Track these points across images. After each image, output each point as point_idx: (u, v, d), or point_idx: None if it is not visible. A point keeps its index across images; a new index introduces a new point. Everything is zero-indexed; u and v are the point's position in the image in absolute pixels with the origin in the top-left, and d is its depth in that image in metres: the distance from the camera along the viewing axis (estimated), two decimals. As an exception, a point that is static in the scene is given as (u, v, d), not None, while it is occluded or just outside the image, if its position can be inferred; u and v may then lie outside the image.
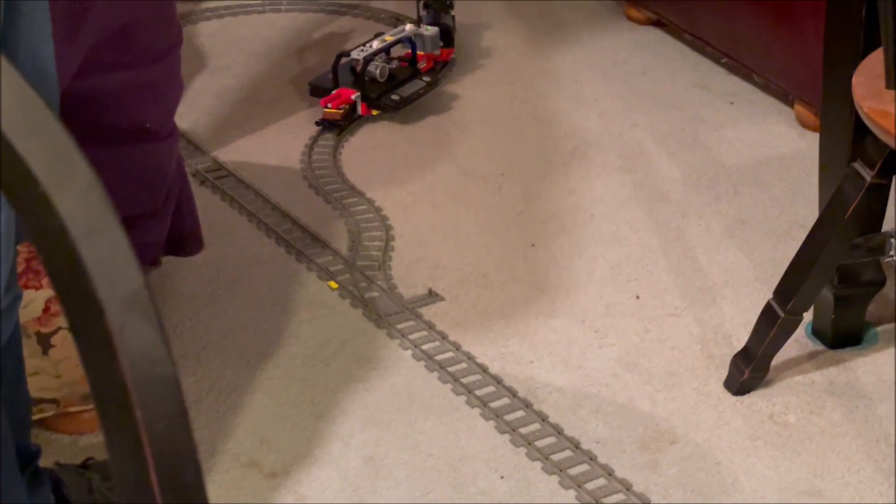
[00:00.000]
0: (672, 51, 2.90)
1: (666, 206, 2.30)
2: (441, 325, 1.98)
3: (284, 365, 1.90)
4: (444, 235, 2.23)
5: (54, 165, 0.59)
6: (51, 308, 1.66)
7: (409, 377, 1.87)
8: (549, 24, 3.12)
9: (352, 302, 2.03)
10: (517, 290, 2.08)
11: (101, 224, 0.60)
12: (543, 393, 1.83)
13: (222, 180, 2.40)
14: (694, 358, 1.90)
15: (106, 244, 0.60)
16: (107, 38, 1.51)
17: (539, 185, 2.39)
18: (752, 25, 2.60)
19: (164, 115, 1.65)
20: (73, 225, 0.59)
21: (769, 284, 1.99)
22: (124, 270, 0.60)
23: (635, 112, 2.65)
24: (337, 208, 2.31)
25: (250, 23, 3.17)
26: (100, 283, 0.59)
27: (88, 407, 1.73)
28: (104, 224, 0.60)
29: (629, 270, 2.11)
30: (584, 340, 1.95)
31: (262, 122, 2.64)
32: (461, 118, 2.65)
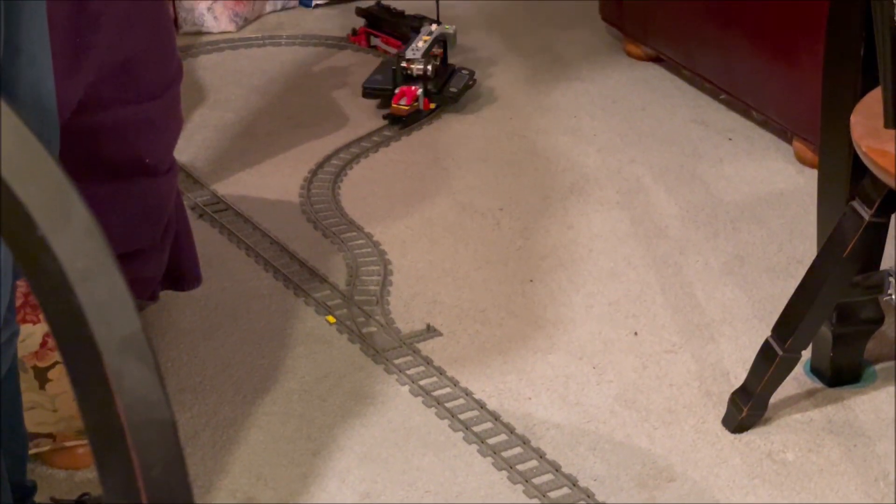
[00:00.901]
0: (671, 87, 2.91)
1: (664, 242, 2.30)
2: (439, 361, 1.97)
3: (281, 400, 1.89)
4: (442, 270, 2.23)
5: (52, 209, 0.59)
6: (48, 342, 1.65)
7: (407, 413, 1.86)
8: (549, 59, 3.13)
9: (349, 337, 2.03)
10: (515, 325, 2.07)
11: (98, 267, 0.60)
12: (541, 429, 1.83)
13: (221, 214, 2.40)
14: (692, 395, 1.89)
15: (103, 287, 0.60)
16: (107, 73, 1.51)
17: (537, 220, 2.39)
18: (751, 62, 2.61)
19: (164, 150, 1.66)
20: (71, 268, 0.59)
21: (767, 321, 1.99)
22: (121, 314, 0.60)
23: (634, 148, 2.66)
24: (335, 243, 2.31)
25: (250, 56, 3.18)
26: (97, 326, 0.59)
27: (84, 442, 1.73)
28: (101, 267, 0.60)
29: (627, 307, 2.11)
30: (582, 377, 1.94)
31: (261, 155, 2.65)
32: (460, 153, 2.66)
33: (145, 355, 0.61)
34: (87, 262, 0.60)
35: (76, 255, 0.60)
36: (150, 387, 0.61)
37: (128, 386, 0.60)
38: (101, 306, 0.60)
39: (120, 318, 0.60)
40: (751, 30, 2.59)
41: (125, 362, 0.60)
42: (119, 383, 0.60)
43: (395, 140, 2.71)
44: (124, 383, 0.60)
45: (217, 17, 3.29)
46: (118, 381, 0.59)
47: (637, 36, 3.01)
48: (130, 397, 0.60)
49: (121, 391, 0.60)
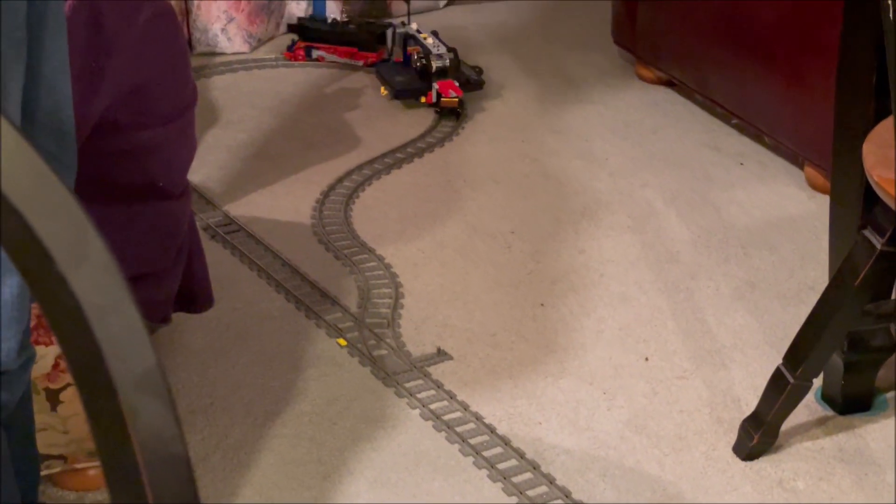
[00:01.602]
0: (683, 111, 2.92)
1: (675, 266, 2.30)
2: (449, 385, 1.97)
3: (292, 423, 1.89)
4: (453, 294, 2.23)
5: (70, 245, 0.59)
6: (60, 364, 1.66)
7: (417, 437, 1.86)
8: (561, 82, 3.14)
9: (360, 360, 2.03)
10: (526, 349, 2.07)
11: (114, 303, 0.60)
12: (551, 455, 1.83)
13: (233, 235, 2.41)
14: (703, 421, 1.89)
15: (119, 323, 0.60)
16: (122, 97, 1.52)
17: (548, 243, 2.39)
18: (763, 87, 2.61)
19: (177, 173, 1.66)
20: (88, 304, 0.59)
21: (778, 348, 1.99)
22: (137, 349, 0.60)
23: (645, 171, 2.66)
24: (347, 265, 2.31)
25: (263, 77, 3.19)
26: (113, 361, 0.59)
27: (95, 464, 1.73)
28: (118, 303, 0.60)
29: (638, 332, 2.11)
30: (592, 402, 1.94)
31: (274, 176, 2.66)
32: (471, 175, 2.66)
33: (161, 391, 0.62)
34: (104, 298, 0.60)
35: (93, 291, 0.60)
36: (165, 423, 0.61)
37: (143, 422, 0.60)
38: (118, 342, 0.60)
39: (136, 354, 0.61)
40: (763, 54, 2.60)
41: (141, 398, 0.60)
42: (134, 419, 0.60)
43: (408, 162, 2.71)
44: (140, 419, 0.60)
45: (231, 37, 3.31)
46: (133, 416, 0.60)
47: (649, 59, 3.02)
48: (145, 433, 0.60)
49: (136, 427, 0.60)
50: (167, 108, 1.59)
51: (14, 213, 0.58)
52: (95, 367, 0.58)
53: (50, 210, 0.59)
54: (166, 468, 0.62)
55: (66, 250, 0.59)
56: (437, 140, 2.82)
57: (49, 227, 0.59)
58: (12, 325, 1.18)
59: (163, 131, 1.59)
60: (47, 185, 0.59)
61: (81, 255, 0.59)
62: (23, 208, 0.58)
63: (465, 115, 2.94)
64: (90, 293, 0.59)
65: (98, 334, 0.58)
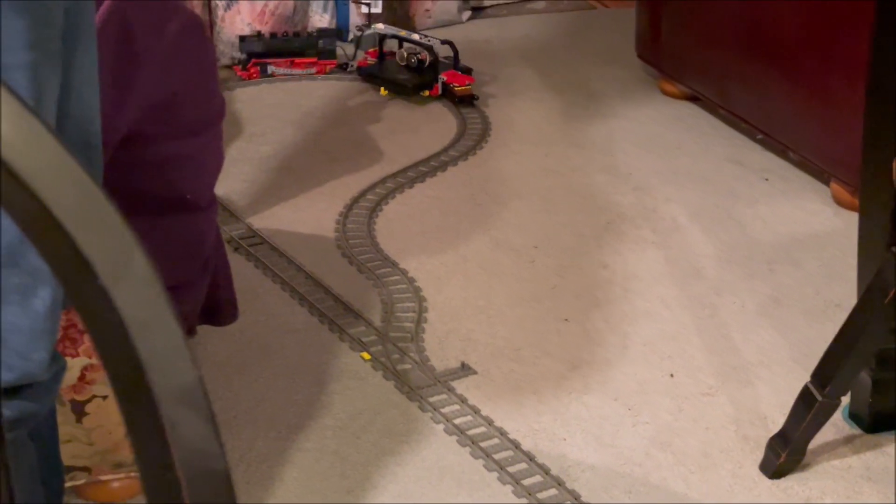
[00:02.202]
0: (706, 126, 2.91)
1: (700, 282, 2.29)
2: (473, 400, 1.97)
3: (315, 437, 1.89)
4: (476, 308, 2.22)
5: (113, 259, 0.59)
6: (86, 376, 1.66)
7: (441, 452, 1.85)
8: (583, 96, 3.13)
9: (384, 374, 2.03)
10: (550, 365, 2.07)
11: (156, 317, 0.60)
12: (576, 471, 1.82)
13: (256, 247, 2.41)
14: (729, 439, 1.88)
15: (161, 337, 0.60)
16: (150, 110, 1.52)
17: (572, 258, 2.39)
18: (788, 102, 2.60)
19: (205, 186, 1.66)
20: (130, 318, 0.59)
21: (804, 365, 1.98)
22: (179, 364, 0.60)
23: (669, 186, 2.65)
24: (370, 278, 2.31)
25: (286, 90, 3.20)
26: (154, 375, 0.59)
27: (119, 475, 1.73)
28: (160, 317, 0.60)
29: (662, 348, 2.10)
30: (616, 418, 1.93)
31: (297, 189, 2.66)
32: (494, 190, 2.66)
33: (202, 406, 0.61)
34: (146, 312, 0.60)
35: (135, 306, 0.60)
36: (205, 438, 0.61)
37: (184, 436, 0.60)
38: (159, 356, 0.60)
39: (177, 369, 0.60)
40: (788, 69, 2.59)
41: (182, 413, 0.60)
42: (175, 434, 0.59)
43: (431, 175, 2.71)
44: (180, 434, 0.60)
45: (254, 50, 3.31)
46: (174, 431, 0.59)
47: (673, 74, 3.02)
48: (186, 448, 0.60)
49: (177, 442, 0.60)
50: (195, 120, 1.59)
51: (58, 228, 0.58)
52: (137, 381, 0.58)
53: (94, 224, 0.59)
54: (207, 484, 0.62)
55: (109, 264, 0.58)
56: (460, 153, 2.82)
57: (93, 241, 0.58)
58: (44, 337, 1.18)
59: (190, 143, 1.59)
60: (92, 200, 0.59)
61: (124, 269, 0.59)
62: (67, 223, 0.58)
63: (490, 131, 2.94)
64: (132, 307, 0.58)
65: (140, 348, 0.58)
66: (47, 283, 1.15)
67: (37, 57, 1.02)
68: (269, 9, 3.31)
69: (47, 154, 0.58)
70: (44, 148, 0.58)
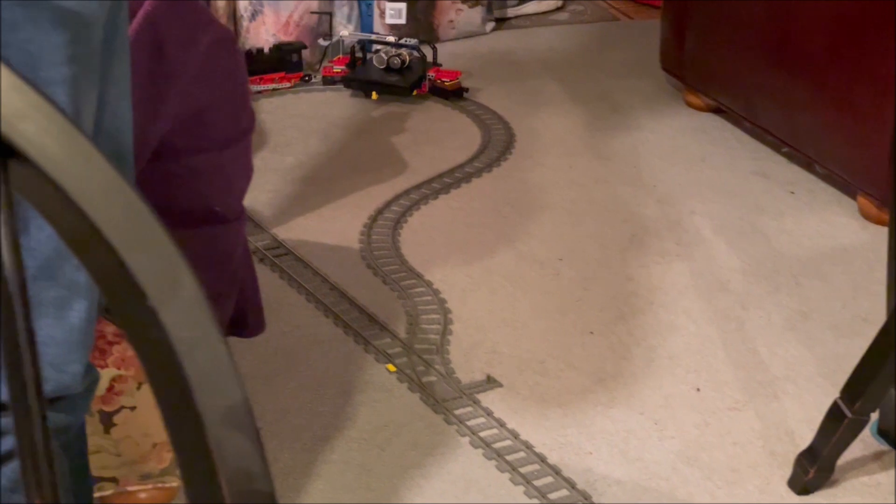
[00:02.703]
0: (731, 138, 2.90)
1: (725, 295, 2.28)
2: (499, 412, 1.96)
3: (341, 449, 1.89)
4: (501, 320, 2.22)
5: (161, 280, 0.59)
6: (115, 387, 1.66)
7: (467, 465, 1.85)
8: (607, 108, 3.13)
9: (409, 386, 2.03)
10: (575, 378, 2.06)
11: (204, 337, 0.60)
12: (602, 485, 1.81)
13: (281, 258, 2.42)
14: (756, 454, 1.87)
15: (208, 357, 0.60)
16: (182, 123, 1.53)
17: (597, 271, 2.38)
18: (814, 115, 2.59)
19: (234, 198, 1.67)
20: (178, 339, 0.59)
21: (832, 380, 1.97)
22: (225, 384, 0.60)
23: (694, 199, 2.65)
24: (395, 290, 2.31)
25: (311, 101, 3.21)
26: (201, 396, 0.59)
27: (147, 486, 1.73)
28: (207, 337, 0.60)
29: (688, 361, 2.09)
30: (642, 432, 1.93)
31: (321, 200, 2.66)
32: (519, 201, 2.66)
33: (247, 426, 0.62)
34: (194, 332, 0.60)
35: (183, 325, 0.60)
36: (251, 458, 0.61)
37: (229, 456, 0.60)
38: (206, 376, 0.60)
39: (224, 389, 0.61)
40: (814, 82, 2.58)
41: (228, 433, 0.60)
42: (221, 453, 0.60)
43: (455, 187, 2.71)
44: (226, 454, 0.60)
45: (278, 60, 3.32)
46: (220, 451, 0.60)
47: (697, 86, 3.01)
48: (232, 468, 0.60)
49: (223, 462, 0.60)
50: (225, 133, 1.59)
51: (108, 248, 0.58)
52: (184, 400, 0.58)
53: (143, 245, 0.59)
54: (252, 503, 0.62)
55: (158, 285, 0.59)
56: (485, 165, 2.82)
57: (141, 263, 0.59)
58: (79, 349, 1.19)
59: (220, 156, 1.60)
60: (141, 220, 0.59)
61: (172, 289, 0.59)
62: (117, 243, 0.58)
63: (514, 142, 2.94)
64: (180, 327, 0.58)
65: (187, 368, 0.58)
66: (83, 296, 1.16)
67: (76, 72, 1.02)
68: (293, 19, 3.32)
69: (97, 174, 0.58)
70: (94, 167, 0.58)
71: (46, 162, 0.55)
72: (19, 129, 0.55)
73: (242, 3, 3.28)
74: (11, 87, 0.55)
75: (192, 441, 0.60)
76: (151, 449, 1.71)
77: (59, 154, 0.56)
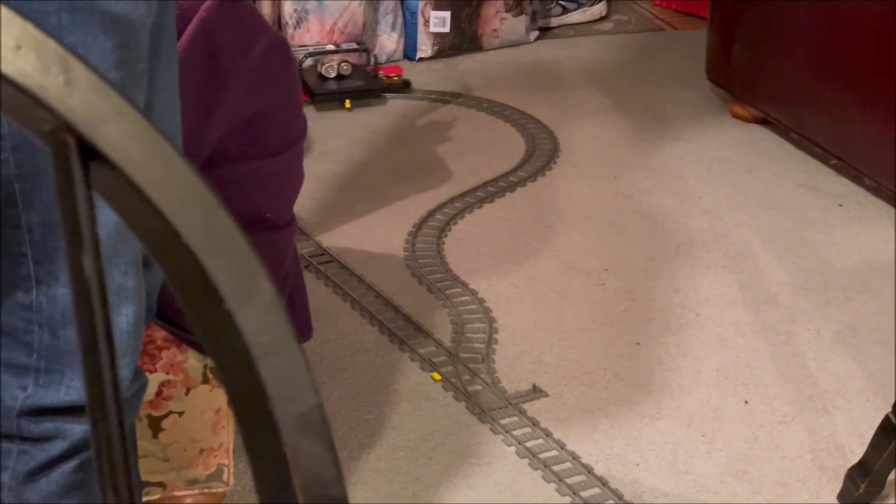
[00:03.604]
0: (778, 150, 2.88)
1: (773, 308, 2.26)
2: (545, 423, 1.95)
3: (387, 457, 1.88)
4: (547, 330, 2.21)
5: (238, 283, 0.59)
6: (163, 392, 1.67)
7: (513, 475, 1.84)
8: (652, 118, 3.11)
9: (455, 395, 2.02)
10: (622, 389, 2.05)
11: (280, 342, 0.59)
12: (650, 497, 1.80)
13: (326, 265, 2.42)
14: (805, 469, 1.85)
15: (284, 362, 0.59)
16: (235, 129, 1.53)
17: (643, 281, 2.37)
18: (864, 127, 2.57)
19: (284, 205, 1.67)
20: (254, 343, 0.58)
21: (883, 395, 1.95)
22: (300, 390, 0.60)
23: (740, 211, 2.63)
24: (440, 298, 2.30)
25: (355, 108, 3.21)
26: (277, 401, 0.59)
27: (193, 492, 1.73)
28: (283, 342, 0.59)
29: (737, 374, 2.08)
30: (690, 444, 1.91)
31: (366, 208, 2.66)
32: (564, 211, 2.65)
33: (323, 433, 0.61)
34: (270, 336, 0.60)
35: (259, 330, 0.59)
36: (326, 466, 0.60)
37: (303, 462, 0.60)
38: (282, 382, 0.60)
39: (299, 394, 0.60)
40: (864, 93, 2.56)
41: (302, 439, 0.60)
42: (296, 460, 0.59)
43: (500, 196, 2.71)
44: (301, 460, 0.59)
45: (323, 68, 3.33)
46: (295, 457, 0.59)
47: (744, 97, 2.99)
48: (307, 475, 0.60)
49: (297, 468, 0.59)
50: (277, 139, 1.59)
51: (186, 251, 0.58)
52: (259, 406, 0.58)
53: (220, 248, 0.59)
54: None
55: (235, 288, 0.58)
56: (529, 174, 2.81)
57: (219, 266, 0.58)
58: (128, 354, 1.19)
59: (272, 163, 1.60)
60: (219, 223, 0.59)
61: (249, 293, 0.59)
62: (195, 246, 0.58)
63: (559, 152, 2.93)
64: (257, 332, 0.58)
65: (263, 373, 0.58)
66: (131, 301, 1.16)
67: (123, 76, 1.02)
68: (338, 27, 3.33)
69: (178, 178, 0.58)
70: (175, 171, 0.58)
71: (129, 165, 0.55)
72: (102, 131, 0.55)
73: (287, 10, 3.29)
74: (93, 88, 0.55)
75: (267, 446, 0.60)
76: (199, 454, 1.71)
77: (141, 157, 0.56)
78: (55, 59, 0.55)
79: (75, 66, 0.55)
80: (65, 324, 1.12)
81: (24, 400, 1.15)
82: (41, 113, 0.54)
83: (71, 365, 1.15)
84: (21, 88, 0.53)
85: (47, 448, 1.18)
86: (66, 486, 1.21)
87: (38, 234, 1.07)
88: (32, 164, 1.04)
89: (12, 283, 1.09)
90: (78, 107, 0.55)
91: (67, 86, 0.55)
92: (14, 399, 1.14)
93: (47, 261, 1.08)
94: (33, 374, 1.14)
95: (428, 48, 3.50)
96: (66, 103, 0.55)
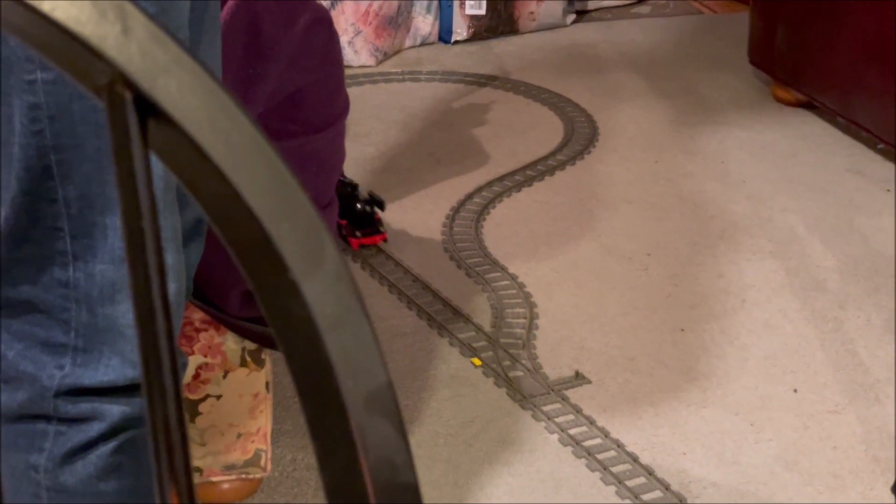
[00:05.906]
0: (823, 134, 2.82)
1: (822, 295, 2.21)
2: (588, 410, 1.91)
3: (427, 444, 1.84)
4: (588, 315, 2.16)
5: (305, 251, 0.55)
6: (201, 374, 1.63)
7: (556, 463, 1.80)
8: (693, 102, 3.06)
9: (496, 381, 1.98)
10: (666, 376, 2.00)
11: (348, 315, 0.55)
12: (697, 487, 1.75)
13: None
14: (858, 459, 1.79)
15: (352, 336, 0.55)
16: (276, 105, 1.49)
17: (686, 267, 2.32)
18: (913, 111, 2.51)
19: (325, 184, 1.63)
20: (320, 315, 0.54)
21: (937, 384, 1.89)
22: (369, 365, 0.56)
23: (785, 195, 2.57)
24: (479, 283, 2.26)
25: (389, 91, 3.17)
26: (344, 378, 0.55)
27: (230, 477, 1.70)
28: (351, 316, 0.55)
29: (785, 362, 2.02)
30: (738, 434, 1.86)
31: (402, 191, 2.62)
32: (604, 195, 2.60)
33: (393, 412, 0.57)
34: (338, 308, 0.56)
35: (326, 301, 0.55)
36: (395, 447, 0.56)
37: (372, 444, 0.55)
38: (350, 356, 0.56)
39: (368, 370, 0.56)
40: (913, 77, 2.50)
41: (371, 419, 0.56)
42: (364, 441, 0.55)
43: (538, 180, 2.66)
44: (370, 441, 0.55)
45: (357, 50, 3.29)
46: (363, 438, 0.55)
47: (787, 80, 2.93)
48: (375, 457, 0.55)
49: (366, 450, 0.55)
50: (319, 116, 1.55)
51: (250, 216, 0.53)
52: (324, 382, 0.54)
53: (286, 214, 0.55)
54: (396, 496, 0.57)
55: (301, 257, 0.54)
56: (568, 158, 2.76)
57: (284, 233, 0.54)
58: (169, 333, 1.15)
59: (314, 140, 1.55)
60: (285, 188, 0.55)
61: (316, 262, 0.54)
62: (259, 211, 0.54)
63: (598, 135, 2.88)
64: (323, 303, 0.54)
65: (329, 347, 0.54)
66: (172, 278, 1.12)
67: None
68: (373, 9, 3.29)
69: (242, 137, 0.54)
70: (239, 130, 0.54)
71: (189, 122, 0.51)
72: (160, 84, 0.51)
73: (322, -7, 3.26)
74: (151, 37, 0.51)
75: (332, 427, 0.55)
76: (236, 439, 1.68)
77: (202, 114, 0.52)
78: (111, 6, 0.50)
79: (133, 13, 0.51)
80: (103, 301, 1.08)
81: (62, 379, 1.11)
82: (98, 64, 0.49)
83: (109, 343, 1.11)
84: (75, 37, 0.49)
85: (85, 429, 1.14)
86: (104, 469, 1.17)
87: (74, 208, 1.03)
88: (70, 135, 1.00)
89: (48, 258, 1.06)
90: (136, 57, 0.51)
91: (125, 34, 0.51)
92: (51, 378, 1.11)
93: (84, 236, 1.04)
94: (70, 352, 1.10)
95: (463, 30, 3.45)
96: (124, 53, 0.50)
